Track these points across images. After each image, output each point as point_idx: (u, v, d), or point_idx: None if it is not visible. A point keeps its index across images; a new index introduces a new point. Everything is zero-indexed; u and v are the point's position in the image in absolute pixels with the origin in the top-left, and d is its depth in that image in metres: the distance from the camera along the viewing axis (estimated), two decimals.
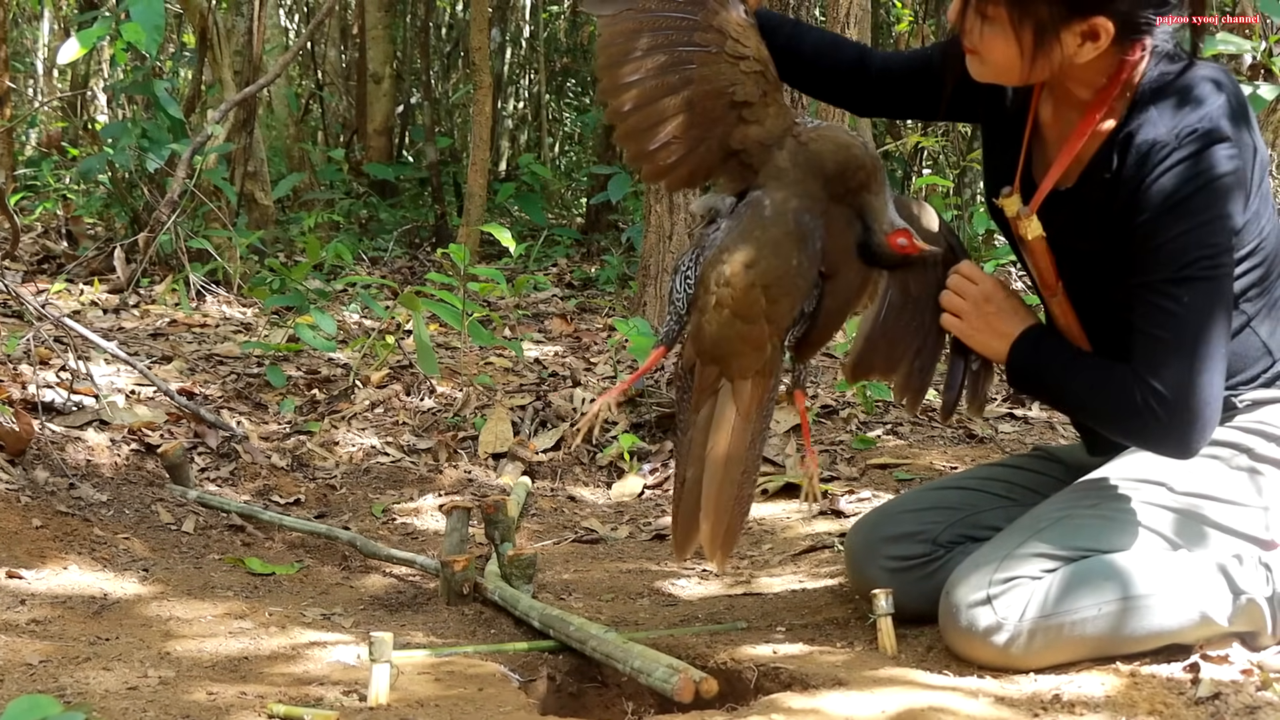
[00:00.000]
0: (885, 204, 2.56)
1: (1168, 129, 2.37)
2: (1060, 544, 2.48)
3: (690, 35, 2.59)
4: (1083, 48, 2.38)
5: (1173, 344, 2.35)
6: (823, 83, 2.92)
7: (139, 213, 7.42)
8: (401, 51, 13.19)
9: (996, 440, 4.70)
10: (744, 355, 2.55)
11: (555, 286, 8.33)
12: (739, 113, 2.60)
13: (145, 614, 3.01)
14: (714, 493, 2.57)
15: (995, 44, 2.42)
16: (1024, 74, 2.44)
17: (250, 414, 4.77)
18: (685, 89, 2.59)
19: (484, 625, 3.05)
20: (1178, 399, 2.35)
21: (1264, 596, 2.42)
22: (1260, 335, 2.56)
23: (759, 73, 2.61)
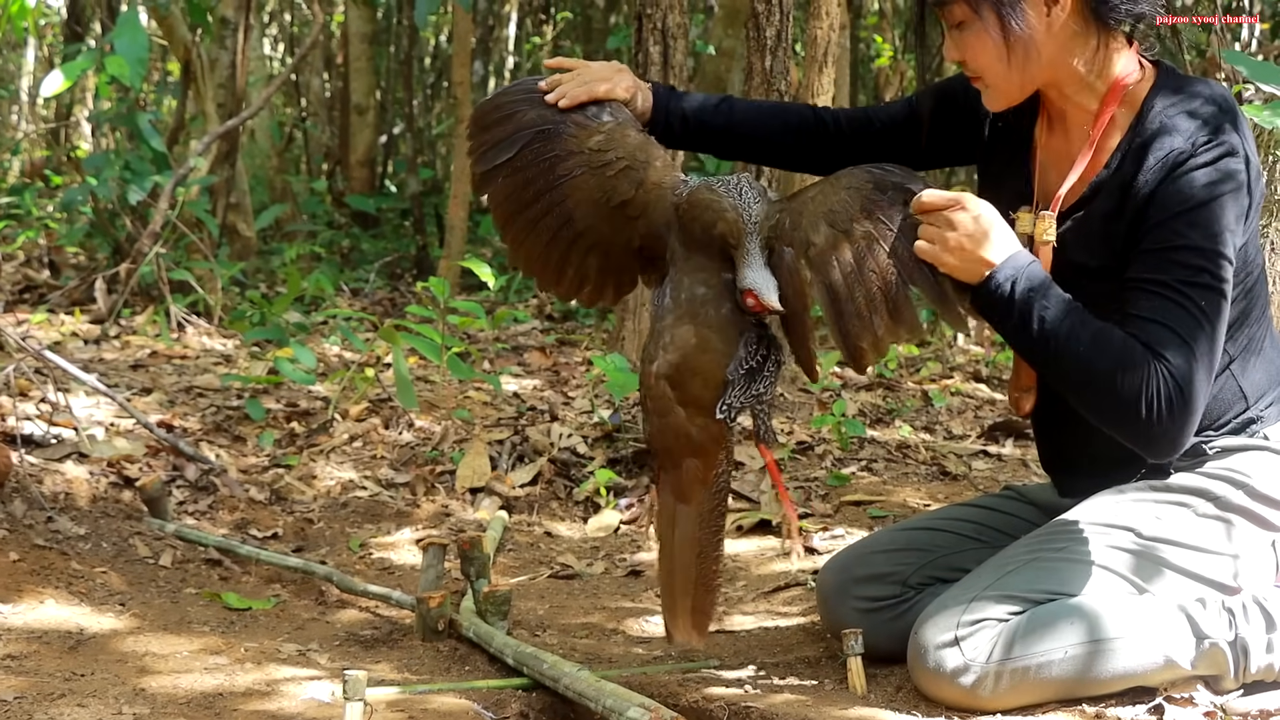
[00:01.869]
0: (744, 258, 2.53)
1: (1184, 138, 2.42)
2: (1028, 587, 2.51)
3: (555, 170, 2.68)
4: (1051, 16, 2.46)
5: (1185, 339, 2.37)
6: (776, 149, 2.95)
7: (121, 243, 7.44)
8: (385, 82, 13.24)
9: (970, 478, 4.73)
10: (673, 447, 2.59)
11: (535, 319, 8.36)
12: (624, 213, 2.66)
13: (121, 649, 3.03)
14: (674, 581, 2.63)
15: (978, 46, 2.50)
16: (1015, 64, 2.49)
17: (229, 447, 4.79)
18: (569, 225, 2.68)
19: (459, 662, 3.06)
20: (1186, 388, 2.36)
21: (1226, 641, 2.46)
22: (1237, 378, 2.59)
23: (625, 168, 2.66)
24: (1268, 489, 2.56)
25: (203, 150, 7.46)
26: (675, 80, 5.54)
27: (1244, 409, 2.60)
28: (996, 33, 2.45)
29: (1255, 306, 2.59)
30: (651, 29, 5.50)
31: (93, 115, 10.67)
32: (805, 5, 6.36)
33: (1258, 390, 2.61)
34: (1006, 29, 2.45)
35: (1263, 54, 7.28)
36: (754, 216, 2.52)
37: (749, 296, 2.51)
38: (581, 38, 13.01)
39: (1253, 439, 2.59)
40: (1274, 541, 2.59)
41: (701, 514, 2.60)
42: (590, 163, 2.66)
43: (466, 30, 9.25)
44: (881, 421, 5.51)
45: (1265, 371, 2.63)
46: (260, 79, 11.40)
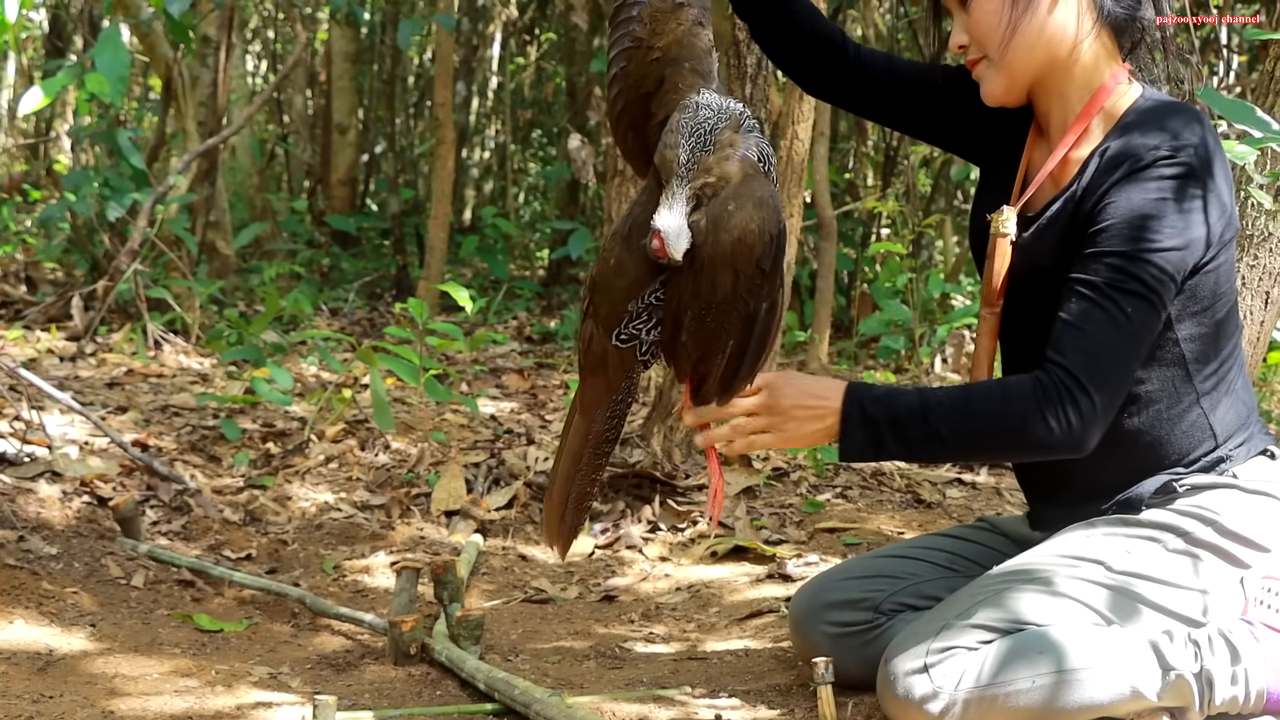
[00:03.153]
0: (667, 199, 2.39)
1: (1147, 148, 2.45)
2: (998, 616, 2.52)
3: (621, 49, 2.60)
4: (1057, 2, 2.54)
5: (1096, 342, 2.42)
6: (793, 46, 2.93)
7: (99, 260, 7.44)
8: (368, 101, 13.24)
9: (944, 505, 4.74)
10: (584, 357, 2.57)
11: (514, 340, 8.37)
12: (648, 106, 2.57)
13: (90, 670, 3.02)
14: (555, 487, 2.64)
15: (984, 12, 2.56)
16: (1020, 29, 2.55)
17: (204, 467, 4.78)
18: (621, 104, 2.61)
19: (430, 686, 3.06)
20: (1090, 378, 2.41)
21: (1192, 673, 2.46)
22: (1207, 415, 2.61)
23: (657, 59, 2.56)
24: (1236, 526, 2.57)
25: (183, 168, 7.46)
26: None
27: (1214, 447, 2.62)
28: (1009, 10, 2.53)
29: (1226, 343, 2.62)
30: None
31: (72, 131, 10.66)
32: None
33: (1227, 430, 2.63)
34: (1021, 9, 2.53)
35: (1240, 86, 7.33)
36: (692, 161, 2.38)
37: (655, 238, 2.37)
38: (565, 59, 13.03)
39: (1222, 477, 2.61)
40: (1242, 578, 2.60)
41: (591, 432, 2.58)
42: (638, 49, 2.60)
43: (449, 51, 9.26)
44: None
45: (1235, 411, 2.65)
46: (242, 97, 11.40)
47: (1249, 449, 2.65)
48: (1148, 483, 2.61)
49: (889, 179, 10.51)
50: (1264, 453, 2.66)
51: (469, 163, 14.81)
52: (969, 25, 2.60)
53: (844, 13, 10.49)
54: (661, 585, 4.02)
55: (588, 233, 9.53)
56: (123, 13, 7.49)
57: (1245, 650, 2.50)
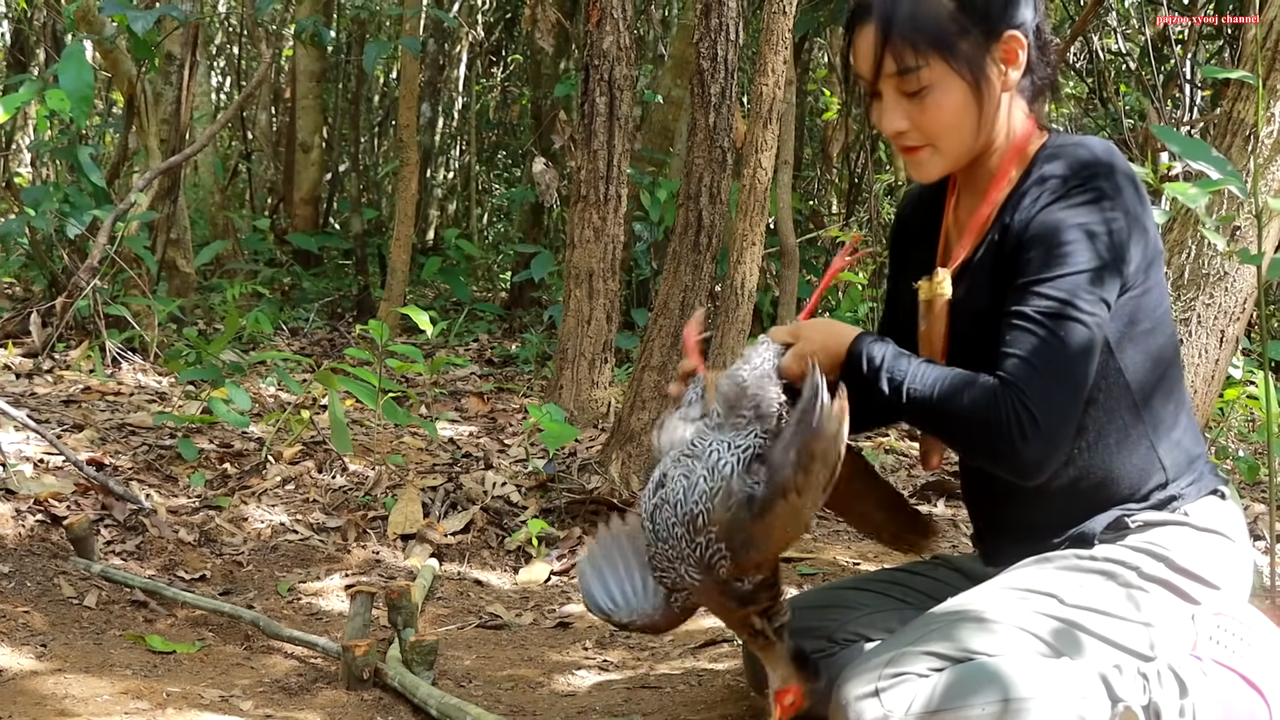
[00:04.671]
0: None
1: (1059, 179, 2.50)
2: (949, 645, 2.53)
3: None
4: (1008, 72, 2.56)
5: (1046, 371, 2.44)
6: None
7: (57, 276, 7.41)
8: (332, 120, 13.23)
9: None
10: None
11: (475, 363, 8.36)
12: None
13: (40, 691, 3.01)
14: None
15: (944, 107, 2.55)
16: (983, 122, 2.58)
17: (160, 486, 4.76)
18: None
19: (383, 711, 3.06)
20: (1047, 417, 2.43)
21: (1140, 705, 2.48)
22: (1157, 452, 2.64)
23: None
24: (1188, 563, 2.60)
25: (145, 186, 7.44)
26: (621, 131, 5.58)
27: (1164, 483, 2.64)
28: (965, 94, 2.53)
29: (1171, 372, 2.65)
30: (598, 80, 5.54)
31: (33, 145, 10.62)
32: (752, 61, 6.39)
33: (1178, 468, 2.66)
34: (978, 89, 2.53)
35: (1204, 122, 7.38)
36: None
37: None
38: (531, 82, 13.04)
39: (1174, 515, 2.64)
40: (1193, 615, 2.62)
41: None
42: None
43: (414, 74, 9.26)
44: None
45: (1184, 450, 2.68)
46: (206, 114, 11.37)
47: (1199, 488, 2.67)
48: (1100, 518, 2.64)
49: (853, 207, 10.56)
50: (1214, 492, 2.69)
51: (433, 183, 14.82)
52: (917, 118, 2.58)
53: (811, 41, 10.54)
54: None
55: (550, 256, 9.53)
56: (86, 28, 7.47)
57: (1193, 685, 2.52)
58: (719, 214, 4.81)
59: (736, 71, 4.81)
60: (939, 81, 2.52)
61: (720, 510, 2.43)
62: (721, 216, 4.84)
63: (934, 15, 2.49)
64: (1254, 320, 4.38)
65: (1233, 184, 2.77)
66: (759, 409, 2.51)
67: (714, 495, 2.43)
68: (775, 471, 2.40)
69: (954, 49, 2.50)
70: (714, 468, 2.45)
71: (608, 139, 5.59)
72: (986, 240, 2.61)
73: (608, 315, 5.93)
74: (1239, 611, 2.65)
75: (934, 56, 2.50)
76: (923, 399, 2.52)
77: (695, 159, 4.77)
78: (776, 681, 2.62)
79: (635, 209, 9.14)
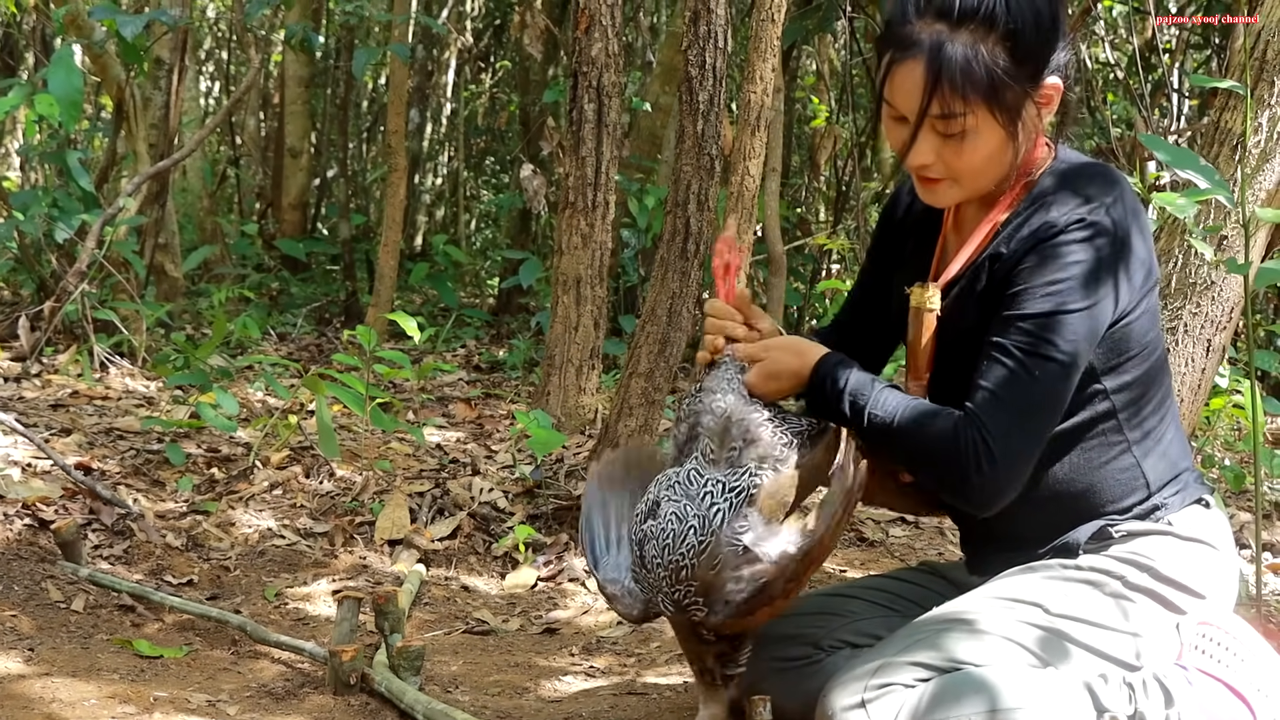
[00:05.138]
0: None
1: (1059, 212, 2.48)
2: (935, 655, 2.54)
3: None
4: (1040, 115, 2.54)
5: (1013, 407, 2.45)
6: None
7: (46, 280, 7.40)
8: (320, 125, 13.23)
9: (887, 545, 4.77)
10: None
11: (462, 369, 8.36)
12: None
13: (27, 694, 3.01)
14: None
15: (979, 150, 2.51)
16: (1014, 160, 2.55)
17: (147, 491, 4.76)
18: None
19: (370, 716, 3.06)
20: (1004, 454, 2.44)
21: (1126, 715, 2.49)
22: (1140, 464, 2.64)
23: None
24: (1172, 573, 2.61)
25: (133, 190, 7.43)
26: (609, 137, 5.59)
27: (1147, 495, 2.65)
28: (1002, 140, 2.50)
29: (1157, 392, 2.65)
30: (587, 86, 5.55)
31: (22, 149, 10.61)
32: (740, 68, 6.40)
33: (1160, 478, 2.67)
34: (1017, 136, 2.50)
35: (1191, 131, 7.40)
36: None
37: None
38: (519, 88, 13.05)
39: (1157, 524, 2.64)
40: (1178, 624, 2.63)
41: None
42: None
43: (402, 79, 9.27)
44: None
45: (1168, 460, 2.68)
46: (194, 119, 11.37)
47: (1183, 498, 2.68)
48: (1083, 528, 2.64)
49: (840, 215, 10.57)
50: (1198, 501, 2.70)
51: (421, 189, 14.82)
52: (949, 157, 2.54)
53: (799, 48, 10.55)
54: (603, 619, 4.03)
55: (538, 262, 9.54)
56: (75, 33, 7.47)
57: (1179, 694, 2.52)
58: (707, 221, 4.81)
59: (725, 79, 4.81)
60: (979, 127, 2.48)
61: (704, 569, 2.47)
62: (709, 224, 4.84)
63: (986, 64, 2.44)
64: (1240, 329, 4.40)
65: (1220, 193, 2.78)
66: (747, 436, 2.55)
67: (701, 552, 2.47)
68: (811, 541, 2.48)
69: (1001, 99, 2.46)
70: (705, 518, 2.48)
71: (596, 145, 5.59)
72: (980, 260, 2.61)
73: (595, 322, 5.93)
74: (1224, 621, 2.66)
75: (981, 106, 2.46)
76: (883, 425, 2.54)
77: (683, 166, 4.77)
78: (704, 719, 2.68)
79: (623, 216, 9.14)
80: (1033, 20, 2.44)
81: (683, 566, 2.48)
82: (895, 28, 2.50)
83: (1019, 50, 2.44)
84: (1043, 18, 2.46)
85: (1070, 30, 2.56)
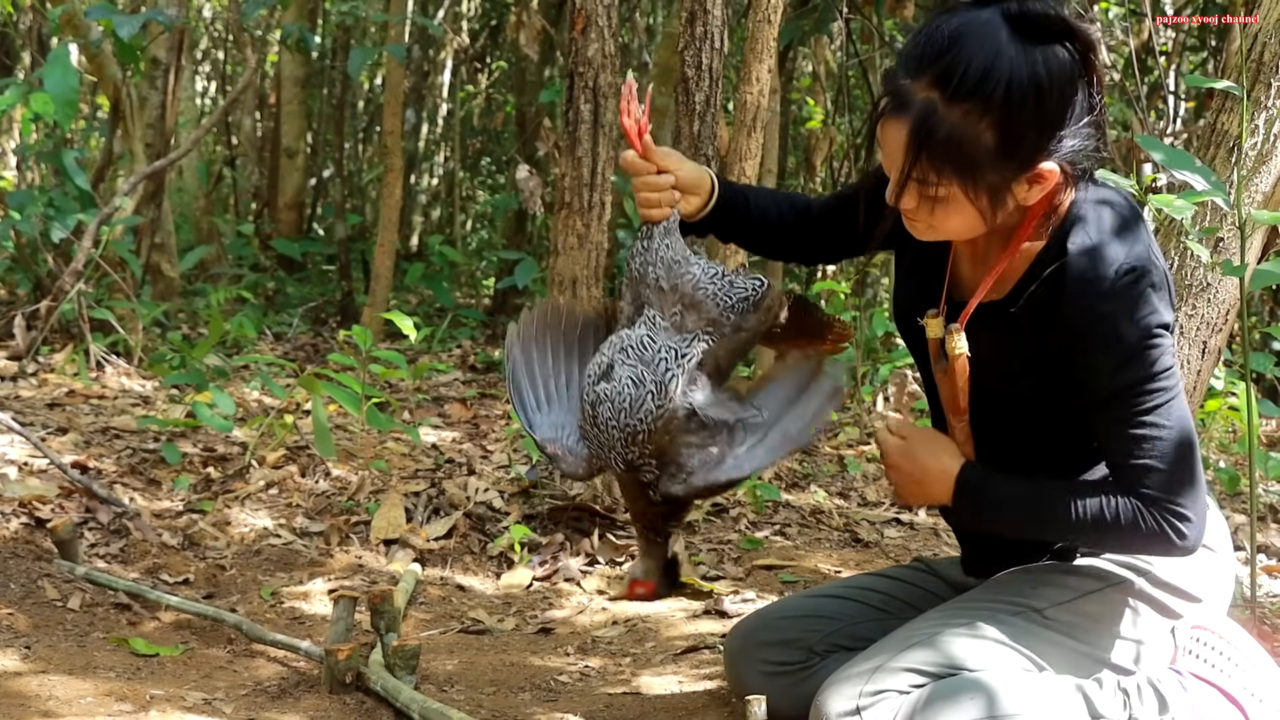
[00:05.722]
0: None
1: (1106, 264, 2.40)
2: (930, 660, 2.54)
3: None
4: (1031, 190, 2.42)
5: (1168, 462, 2.43)
6: (782, 238, 2.99)
7: (42, 279, 7.40)
8: (316, 125, 13.22)
9: (881, 545, 4.77)
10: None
11: (458, 369, 8.36)
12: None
13: (23, 692, 3.01)
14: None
15: (951, 218, 2.45)
16: (991, 227, 2.48)
17: (144, 490, 4.76)
18: None
19: (365, 715, 3.07)
20: (1188, 504, 2.44)
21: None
22: None
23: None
24: (1169, 577, 2.61)
25: (129, 190, 7.43)
26: (605, 138, 5.59)
27: None
28: (983, 211, 2.42)
29: None
30: (583, 87, 5.55)
31: (19, 149, 10.60)
32: (736, 69, 6.41)
33: None
34: (993, 211, 2.42)
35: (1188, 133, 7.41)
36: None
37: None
38: (515, 89, 13.05)
39: None
40: (1173, 628, 2.63)
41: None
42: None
43: (399, 80, 9.27)
44: (797, 486, 5.55)
45: None
46: (191, 119, 11.36)
47: None
48: None
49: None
50: None
51: (417, 189, 14.80)
52: (925, 214, 2.48)
53: (795, 50, 10.56)
54: (598, 619, 4.03)
55: (534, 263, 9.54)
56: (71, 32, 7.46)
57: (1173, 700, 2.53)
58: None
59: (721, 80, 4.82)
60: (954, 199, 2.41)
61: (660, 434, 2.59)
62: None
63: (971, 145, 2.34)
64: (1236, 332, 4.40)
65: (1217, 195, 2.78)
66: (691, 300, 2.67)
67: (659, 417, 2.58)
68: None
69: (978, 180, 2.37)
70: (661, 384, 2.58)
71: (592, 146, 5.59)
72: (1022, 294, 2.52)
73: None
74: (1219, 625, 2.67)
75: (957, 182, 2.38)
76: (1064, 531, 2.55)
77: None
78: (639, 571, 2.84)
79: (619, 217, 9.16)
80: (1033, 110, 2.33)
81: (639, 431, 2.59)
82: (895, 79, 2.41)
83: (1009, 137, 2.34)
84: (1046, 109, 2.34)
85: (1097, 114, 2.45)
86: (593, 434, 2.66)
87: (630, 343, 2.63)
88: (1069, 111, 2.37)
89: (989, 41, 2.31)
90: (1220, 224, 3.36)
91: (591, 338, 2.92)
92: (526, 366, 2.88)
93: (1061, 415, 2.55)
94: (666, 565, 2.87)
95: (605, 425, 2.61)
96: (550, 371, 2.89)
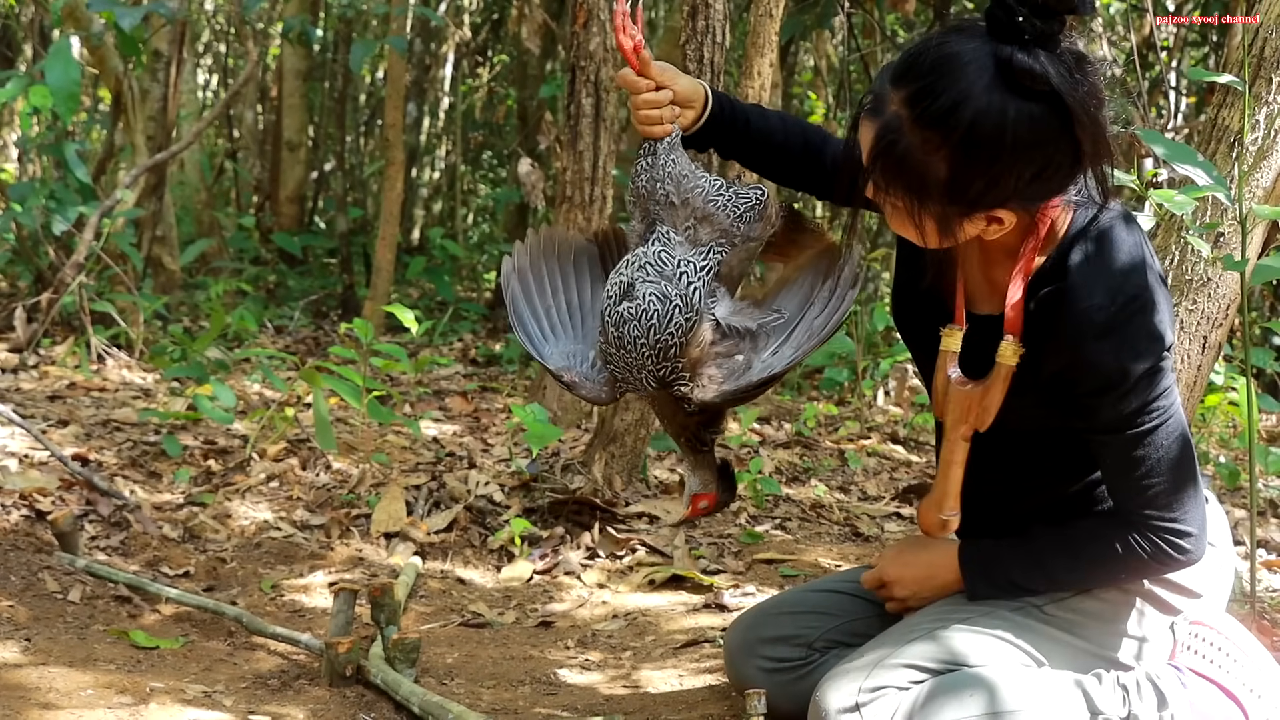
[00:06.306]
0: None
1: (1103, 289, 2.38)
2: (930, 656, 2.54)
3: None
4: (989, 228, 2.39)
5: (1161, 485, 2.46)
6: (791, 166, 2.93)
7: (43, 272, 7.41)
8: (318, 119, 13.22)
9: (882, 539, 4.77)
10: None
11: (459, 363, 8.36)
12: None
13: (24, 684, 3.01)
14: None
15: (904, 226, 2.43)
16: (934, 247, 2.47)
17: (144, 483, 4.76)
18: None
19: (365, 708, 3.07)
20: (1185, 519, 2.48)
21: (1119, 717, 2.49)
22: None
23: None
24: (1167, 573, 2.60)
25: (131, 183, 7.44)
26: (606, 132, 5.59)
27: None
28: (926, 233, 2.40)
29: None
30: (584, 81, 5.55)
31: (20, 141, 10.60)
32: (738, 63, 6.41)
33: None
34: (941, 235, 2.39)
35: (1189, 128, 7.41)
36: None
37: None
38: (517, 82, 13.04)
39: None
40: (1173, 624, 2.63)
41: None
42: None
43: (400, 73, 9.27)
44: (797, 480, 5.55)
45: None
46: (192, 112, 11.35)
47: None
48: None
49: (838, 210, 10.56)
50: None
51: (418, 183, 14.81)
52: (887, 213, 2.46)
53: (796, 44, 10.55)
54: (598, 612, 4.04)
55: None
56: (73, 25, 7.46)
57: (1172, 696, 2.53)
58: None
59: (723, 74, 4.82)
60: (900, 213, 2.39)
61: (692, 347, 2.61)
62: None
63: (921, 170, 2.30)
64: (1236, 326, 4.40)
65: (1218, 190, 2.78)
66: (701, 212, 2.68)
67: (689, 329, 2.59)
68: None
69: (924, 205, 2.34)
70: (686, 297, 2.59)
71: (593, 140, 5.59)
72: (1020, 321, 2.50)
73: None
74: (1218, 621, 2.66)
75: (904, 200, 2.35)
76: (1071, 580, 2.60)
77: None
78: (697, 485, 2.84)
79: (620, 210, 9.14)
80: (985, 161, 2.27)
81: (670, 345, 2.59)
82: (881, 82, 2.38)
83: (958, 178, 2.29)
84: (999, 163, 2.28)
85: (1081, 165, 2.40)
86: (618, 356, 2.63)
87: (648, 259, 2.62)
88: (1028, 168, 2.30)
89: (968, 79, 2.24)
90: (1221, 219, 3.36)
91: (588, 264, 2.93)
92: (527, 299, 2.87)
93: (1058, 430, 2.55)
94: (721, 471, 2.88)
95: (634, 344, 2.60)
96: (551, 302, 2.88)
